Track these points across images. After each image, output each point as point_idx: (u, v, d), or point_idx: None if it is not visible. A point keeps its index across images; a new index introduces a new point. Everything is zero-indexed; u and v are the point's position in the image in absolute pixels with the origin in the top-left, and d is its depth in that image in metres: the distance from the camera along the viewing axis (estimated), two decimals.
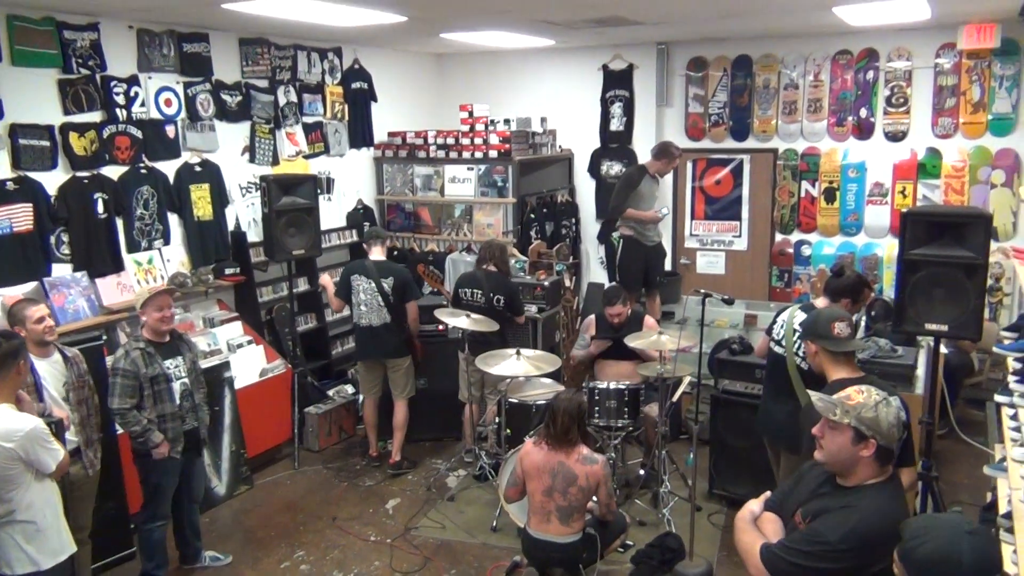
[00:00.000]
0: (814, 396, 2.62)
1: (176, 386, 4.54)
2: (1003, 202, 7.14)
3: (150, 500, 4.62)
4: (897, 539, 2.19)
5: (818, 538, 2.47)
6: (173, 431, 4.50)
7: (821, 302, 4.34)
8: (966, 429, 5.92)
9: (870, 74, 7.61)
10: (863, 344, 5.16)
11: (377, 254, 6.16)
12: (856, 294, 4.29)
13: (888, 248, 7.66)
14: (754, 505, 2.81)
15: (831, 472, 2.60)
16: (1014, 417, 3.60)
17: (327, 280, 6.45)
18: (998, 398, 3.90)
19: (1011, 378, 3.45)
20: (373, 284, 5.99)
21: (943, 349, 4.95)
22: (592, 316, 6.07)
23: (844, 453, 2.50)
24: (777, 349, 4.36)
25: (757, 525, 2.72)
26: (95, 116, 5.73)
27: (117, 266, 5.90)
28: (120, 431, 4.69)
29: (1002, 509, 3.53)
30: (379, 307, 6.01)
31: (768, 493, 2.87)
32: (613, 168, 8.67)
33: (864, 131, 7.70)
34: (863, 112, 7.68)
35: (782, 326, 4.37)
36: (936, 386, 4.68)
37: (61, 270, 5.57)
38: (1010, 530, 3.23)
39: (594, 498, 4.29)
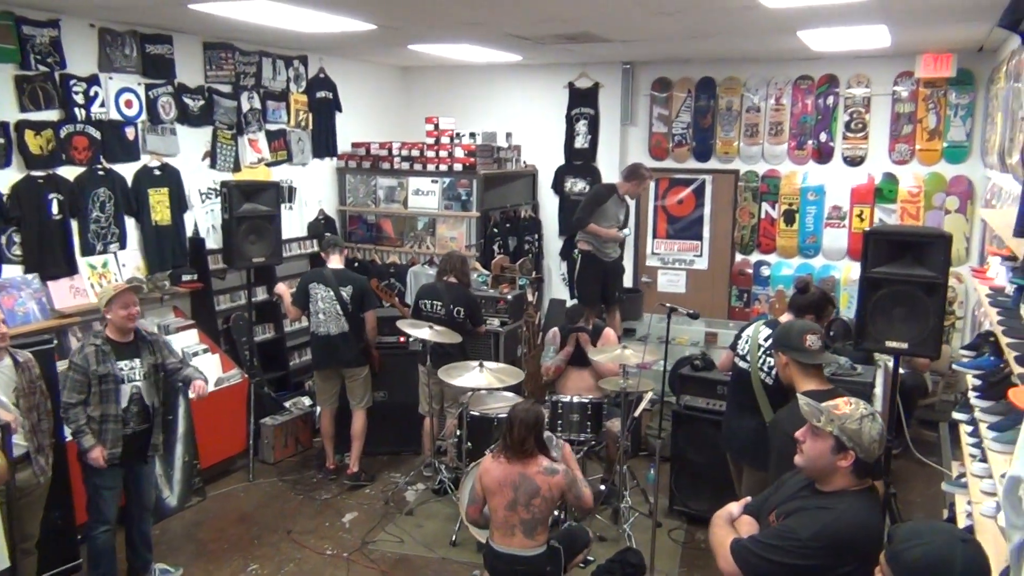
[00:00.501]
0: (802, 400, 2.64)
1: (125, 388, 4.40)
2: (957, 228, 7.31)
3: (91, 503, 4.49)
4: (869, 545, 2.19)
5: (789, 533, 2.48)
6: (112, 433, 4.35)
7: (785, 318, 4.37)
8: (919, 449, 6.00)
9: (830, 99, 7.77)
10: (833, 357, 5.21)
11: (335, 262, 6.09)
12: (820, 310, 4.34)
13: (845, 270, 7.80)
14: (733, 507, 2.81)
15: (811, 479, 2.61)
16: (973, 433, 3.66)
17: (283, 289, 6.35)
18: (956, 415, 3.98)
19: (971, 394, 3.51)
20: (331, 293, 5.92)
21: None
22: (555, 329, 6.07)
23: (823, 460, 2.52)
24: (742, 364, 4.38)
25: (734, 525, 2.72)
26: (52, 114, 5.59)
27: (70, 269, 5.74)
28: (68, 438, 4.54)
29: (960, 524, 3.59)
30: (337, 316, 5.93)
31: (748, 498, 2.88)
32: (577, 185, 8.71)
33: (823, 155, 7.85)
34: (823, 136, 7.83)
35: (746, 341, 4.39)
36: (894, 404, 4.74)
37: (12, 271, 5.39)
38: None
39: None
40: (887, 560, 1.93)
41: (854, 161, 7.75)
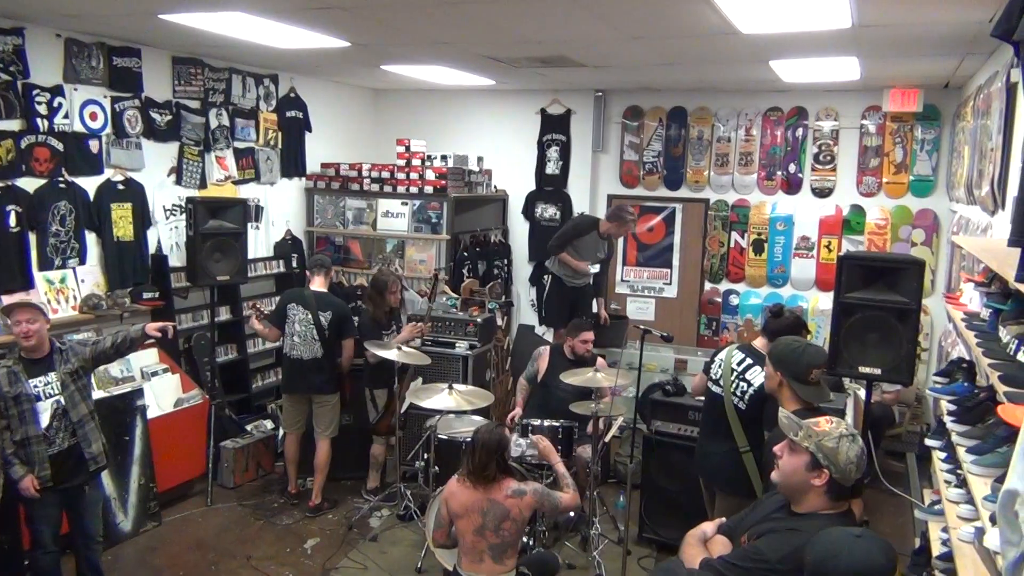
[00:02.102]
0: (783, 413, 2.60)
1: (44, 406, 4.20)
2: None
3: (29, 528, 4.34)
4: None
5: (757, 555, 2.43)
6: (38, 455, 4.16)
7: (760, 343, 4.34)
8: (887, 479, 5.99)
9: (799, 131, 7.85)
10: (828, 396, 5.18)
11: (318, 285, 5.96)
12: (795, 334, 4.31)
13: (813, 300, 7.84)
14: (707, 527, 2.76)
15: (787, 500, 2.55)
16: (947, 459, 3.64)
17: (258, 327, 6.01)
18: (929, 442, 3.97)
19: (947, 419, 3.49)
20: (310, 316, 5.78)
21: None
22: (547, 348, 6.03)
23: (797, 477, 2.47)
24: (715, 389, 4.34)
25: (706, 546, 2.65)
26: (13, 124, 5.44)
27: (26, 283, 5.55)
28: None
29: (936, 552, 3.56)
30: (312, 340, 5.79)
31: (723, 519, 2.81)
32: (548, 211, 8.69)
33: (792, 186, 7.92)
34: (792, 167, 7.90)
35: (719, 366, 4.36)
36: (866, 431, 4.72)
37: None
38: (946, 571, 3.26)
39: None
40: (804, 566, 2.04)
41: (822, 192, 7.83)
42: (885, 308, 4.19)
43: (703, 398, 4.64)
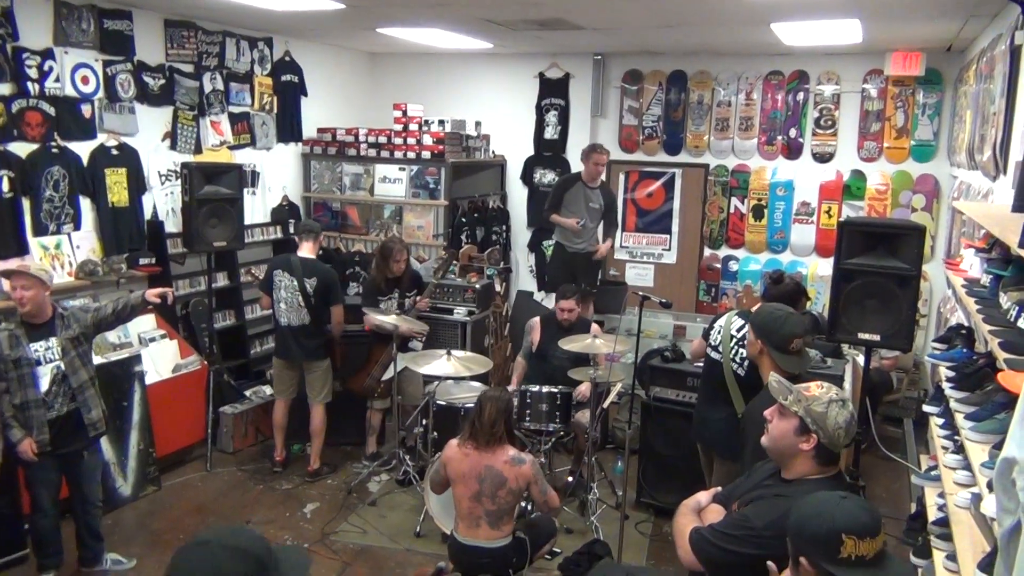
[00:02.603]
0: (773, 378, 2.58)
1: (44, 370, 4.22)
2: None
3: (28, 491, 4.38)
4: None
5: (744, 523, 2.43)
6: (37, 419, 4.19)
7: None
8: (883, 445, 6.02)
9: (800, 96, 7.77)
10: (808, 367, 5.18)
11: (306, 251, 5.89)
12: (794, 301, 4.29)
13: (812, 266, 7.82)
14: (702, 496, 2.76)
15: (778, 468, 2.55)
16: (945, 425, 3.65)
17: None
18: (927, 408, 3.98)
19: (945, 385, 3.49)
20: (295, 282, 5.74)
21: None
22: (537, 318, 5.98)
23: (785, 440, 2.47)
24: (714, 355, 4.33)
25: (700, 515, 2.66)
26: (4, 88, 5.37)
27: (21, 249, 5.51)
28: None
29: (932, 517, 3.58)
30: (299, 307, 5.76)
31: (718, 488, 2.81)
32: (546, 176, 8.63)
33: (793, 151, 7.85)
34: (792, 132, 7.83)
35: (719, 332, 4.34)
36: (864, 398, 4.73)
37: None
38: (942, 536, 3.28)
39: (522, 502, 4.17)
40: (786, 533, 2.04)
41: (823, 157, 7.77)
42: (885, 274, 4.17)
43: (701, 365, 4.64)
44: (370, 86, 9.16)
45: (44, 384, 4.21)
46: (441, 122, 7.84)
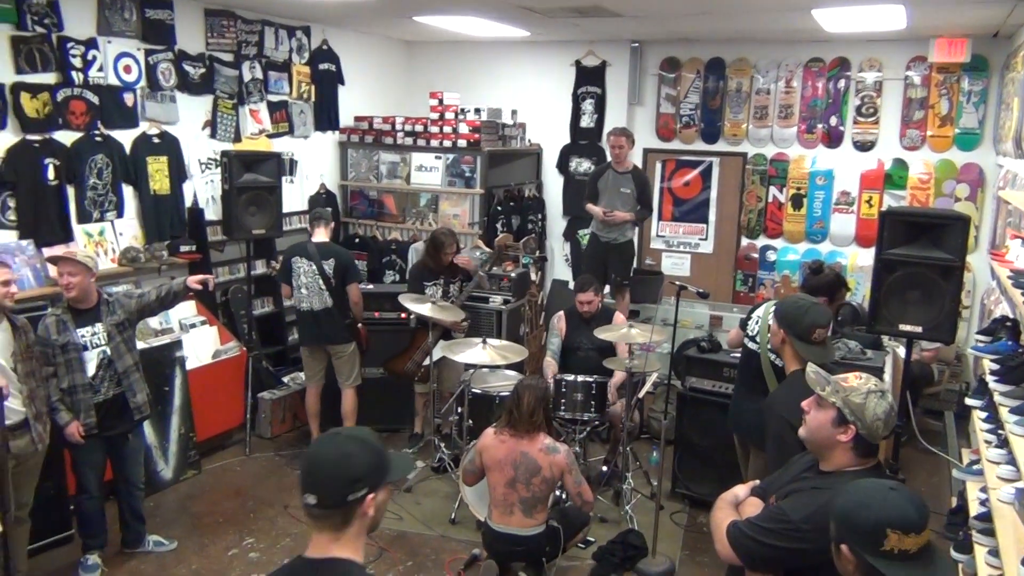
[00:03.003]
0: (811, 368, 2.54)
1: (91, 355, 4.31)
2: None
3: (75, 473, 4.49)
4: None
5: (781, 516, 2.40)
6: (84, 403, 4.28)
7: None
8: (924, 438, 5.93)
9: (841, 83, 7.65)
10: (831, 356, 5.12)
11: (320, 236, 5.92)
12: (834, 292, 4.25)
13: (852, 256, 7.71)
14: (740, 490, 2.74)
15: (816, 460, 2.52)
16: (988, 419, 3.59)
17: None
18: (969, 402, 3.91)
19: (989, 379, 3.43)
20: (314, 266, 5.77)
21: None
22: (561, 312, 5.96)
23: (823, 432, 2.43)
24: (751, 345, 4.29)
25: (738, 509, 2.64)
26: (49, 77, 5.46)
27: (66, 236, 5.62)
28: None
29: (973, 512, 3.52)
30: (320, 291, 5.79)
31: (756, 482, 2.79)
32: (582, 165, 8.59)
33: (833, 139, 7.74)
34: (833, 120, 7.71)
35: (757, 322, 4.30)
36: (904, 390, 4.66)
37: (6, 237, 5.28)
38: (984, 532, 3.22)
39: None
40: (831, 516, 1.99)
41: (864, 146, 7.64)
42: (928, 265, 4.10)
43: (738, 354, 4.60)
44: (407, 75, 9.19)
45: (91, 369, 4.31)
46: (477, 110, 7.84)
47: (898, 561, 1.82)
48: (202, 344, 6.09)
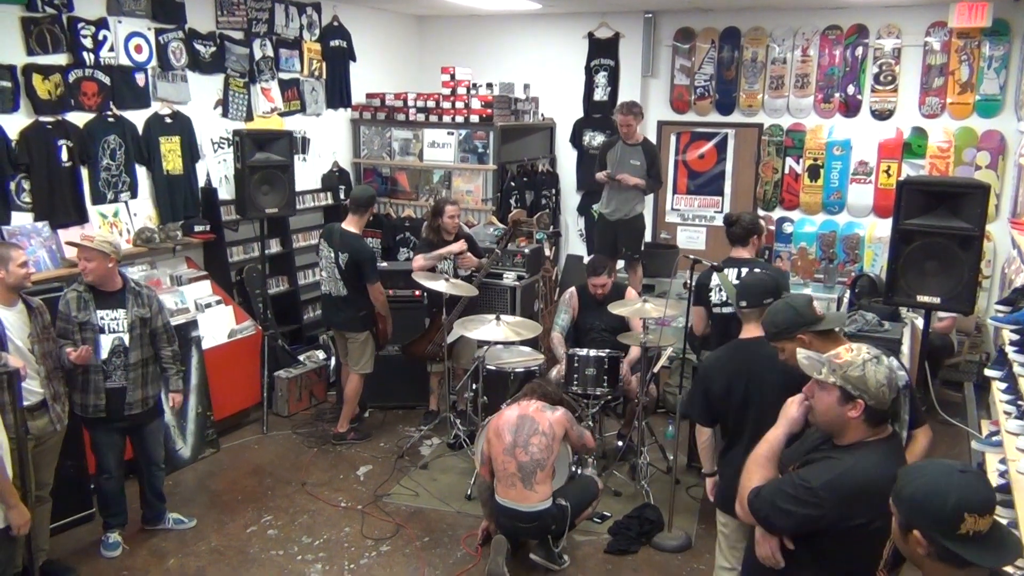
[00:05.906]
0: (802, 354, 2.51)
1: (106, 339, 4.30)
2: None
3: (94, 453, 4.52)
4: (881, 498, 2.10)
5: (801, 481, 2.39)
6: (95, 384, 4.29)
7: (739, 251, 4.52)
8: (943, 410, 5.88)
9: (859, 51, 7.52)
10: (843, 319, 5.06)
11: (349, 224, 5.79)
12: (756, 229, 4.54)
13: (870, 227, 7.63)
14: (770, 434, 2.71)
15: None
16: (1008, 390, 3.54)
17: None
18: (989, 372, 3.86)
19: (1009, 349, 3.38)
20: (332, 254, 5.75)
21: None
22: (573, 288, 5.91)
23: (832, 413, 2.40)
24: (725, 310, 4.33)
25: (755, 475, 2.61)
26: (60, 59, 5.46)
27: (81, 218, 5.65)
28: None
29: (992, 483, 3.49)
30: (336, 279, 5.78)
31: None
32: (596, 139, 8.52)
33: (851, 108, 7.63)
34: (850, 89, 7.60)
35: (719, 290, 4.41)
36: (923, 361, 4.62)
37: (21, 219, 5.31)
38: (1003, 503, 3.19)
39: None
40: (893, 499, 1.94)
41: (882, 115, 7.53)
42: (946, 235, 4.05)
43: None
44: (418, 50, 9.12)
45: (104, 353, 4.31)
46: (489, 85, 7.78)
47: (974, 542, 1.80)
48: (218, 324, 6.12)
